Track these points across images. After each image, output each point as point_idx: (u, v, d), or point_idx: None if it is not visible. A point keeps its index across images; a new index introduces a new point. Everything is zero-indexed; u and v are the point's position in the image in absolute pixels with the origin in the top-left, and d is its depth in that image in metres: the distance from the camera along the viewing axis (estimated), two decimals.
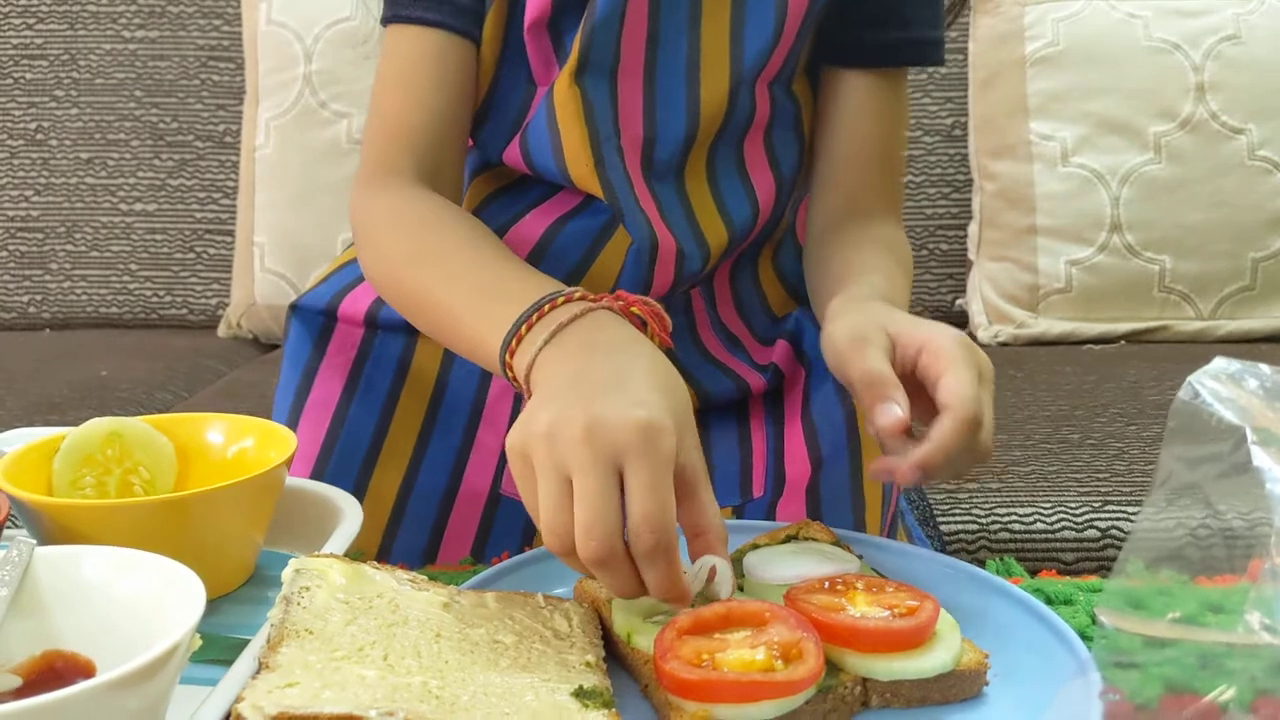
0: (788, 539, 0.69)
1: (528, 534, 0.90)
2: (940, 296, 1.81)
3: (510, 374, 0.67)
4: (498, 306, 0.69)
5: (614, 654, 0.61)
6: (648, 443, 0.56)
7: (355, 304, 0.92)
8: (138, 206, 1.89)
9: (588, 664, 0.58)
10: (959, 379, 0.65)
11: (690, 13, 0.84)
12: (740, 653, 0.55)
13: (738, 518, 0.87)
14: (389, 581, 0.61)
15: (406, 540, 0.89)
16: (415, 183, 0.84)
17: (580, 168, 0.84)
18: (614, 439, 0.56)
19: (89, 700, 0.45)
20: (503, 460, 0.91)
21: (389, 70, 0.86)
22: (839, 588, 0.61)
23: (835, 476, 0.87)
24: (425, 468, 0.88)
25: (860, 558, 0.69)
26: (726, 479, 0.91)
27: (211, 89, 1.90)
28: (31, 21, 1.93)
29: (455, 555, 0.89)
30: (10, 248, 1.89)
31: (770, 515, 0.86)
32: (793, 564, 0.64)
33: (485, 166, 0.91)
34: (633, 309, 0.67)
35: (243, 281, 1.83)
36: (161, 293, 1.89)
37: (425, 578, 0.63)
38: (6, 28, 1.93)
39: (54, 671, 0.54)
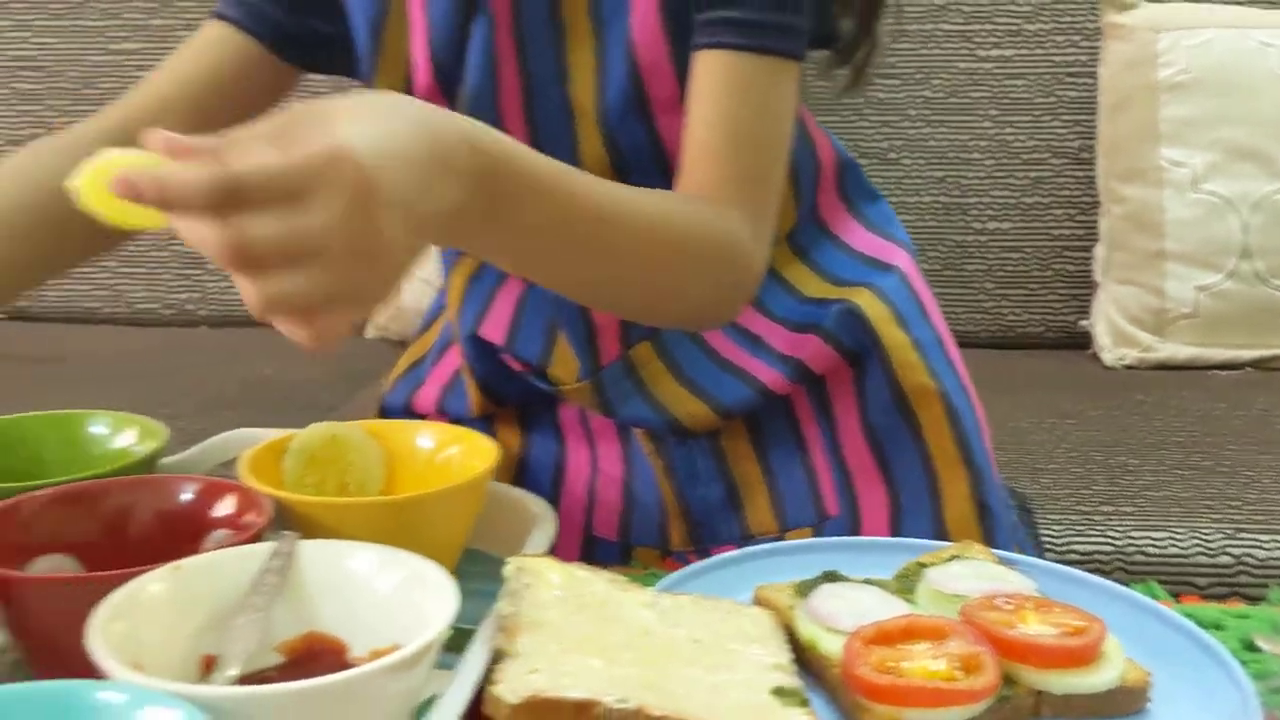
0: (952, 559, 0.74)
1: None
2: (1064, 317, 1.83)
3: None
4: None
5: (796, 660, 0.67)
6: None
7: (425, 399, 0.97)
8: None
9: (779, 665, 0.62)
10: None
11: (558, 64, 0.85)
12: (923, 663, 0.61)
13: (818, 535, 0.89)
14: (598, 581, 0.67)
15: None
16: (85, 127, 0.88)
17: None
18: None
19: (367, 681, 0.51)
20: (591, 506, 0.95)
21: None
22: (1010, 606, 0.66)
23: (916, 514, 0.89)
24: None
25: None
26: (797, 500, 0.91)
27: None
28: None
29: None
30: (173, 248, 1.99)
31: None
32: (972, 581, 0.69)
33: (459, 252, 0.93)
34: None
35: None
36: None
37: (625, 579, 0.69)
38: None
39: (311, 652, 0.61)
